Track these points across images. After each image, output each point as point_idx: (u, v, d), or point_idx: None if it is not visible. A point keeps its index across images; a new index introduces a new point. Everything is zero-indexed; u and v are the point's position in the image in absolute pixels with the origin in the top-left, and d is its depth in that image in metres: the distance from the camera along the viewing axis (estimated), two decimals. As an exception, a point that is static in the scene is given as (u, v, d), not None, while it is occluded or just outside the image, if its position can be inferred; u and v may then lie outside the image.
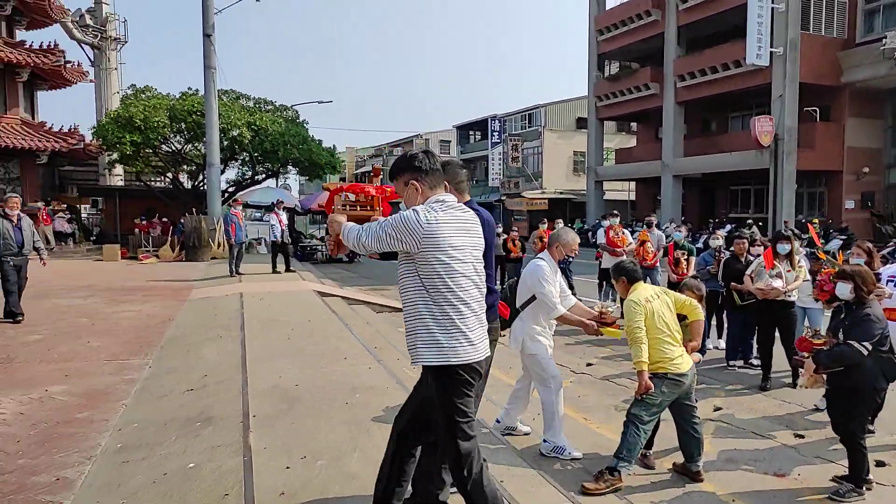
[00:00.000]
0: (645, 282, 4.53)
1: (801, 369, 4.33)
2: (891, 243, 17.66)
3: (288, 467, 3.63)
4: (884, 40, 22.67)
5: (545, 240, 12.12)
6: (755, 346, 7.45)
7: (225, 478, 3.53)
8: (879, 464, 4.52)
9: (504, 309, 3.80)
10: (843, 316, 4.16)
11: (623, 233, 10.57)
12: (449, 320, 2.62)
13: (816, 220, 21.69)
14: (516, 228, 13.60)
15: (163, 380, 5.85)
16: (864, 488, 4.00)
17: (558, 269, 4.61)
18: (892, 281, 4.93)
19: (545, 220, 13.39)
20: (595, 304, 4.92)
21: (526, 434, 4.94)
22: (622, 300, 4.52)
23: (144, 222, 23.30)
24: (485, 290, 2.85)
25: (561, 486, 3.80)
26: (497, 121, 44.94)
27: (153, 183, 28.14)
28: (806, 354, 4.19)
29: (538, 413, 5.21)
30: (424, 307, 2.64)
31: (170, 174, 26.95)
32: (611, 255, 10.22)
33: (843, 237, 19.17)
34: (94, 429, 4.59)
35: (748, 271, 6.83)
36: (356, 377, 5.72)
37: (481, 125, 49.27)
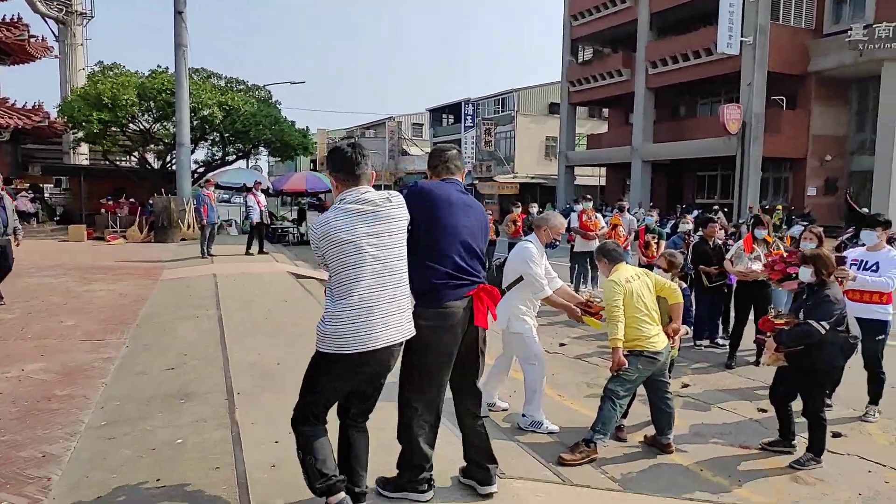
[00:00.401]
0: None
1: (764, 348, 4.55)
2: (850, 229, 18.23)
3: (277, 441, 3.71)
4: (850, 31, 23.25)
5: (519, 223, 12.34)
6: (720, 326, 7.75)
7: (212, 451, 3.60)
8: (836, 435, 4.79)
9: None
10: (804, 297, 4.38)
11: (596, 217, 10.77)
12: (340, 310, 2.74)
13: (780, 206, 22.29)
14: (490, 212, 13.71)
15: (141, 357, 5.85)
16: (821, 458, 4.24)
17: (545, 252, 4.76)
18: (856, 264, 5.17)
19: (518, 203, 13.53)
20: (582, 291, 5.08)
21: (504, 410, 5.10)
22: (594, 279, 4.67)
23: (111, 202, 22.84)
24: (399, 274, 2.86)
25: (540, 457, 3.96)
26: (470, 104, 44.93)
27: (120, 162, 27.57)
28: (768, 334, 4.39)
29: (514, 390, 5.38)
30: (329, 294, 2.84)
31: (137, 153, 26.42)
32: (583, 239, 10.41)
33: (806, 223, 19.71)
34: (75, 405, 4.60)
35: (728, 255, 7.07)
36: (336, 356, 5.79)
37: (454, 109, 49.17)
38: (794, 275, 4.77)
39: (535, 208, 13.09)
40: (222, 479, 3.31)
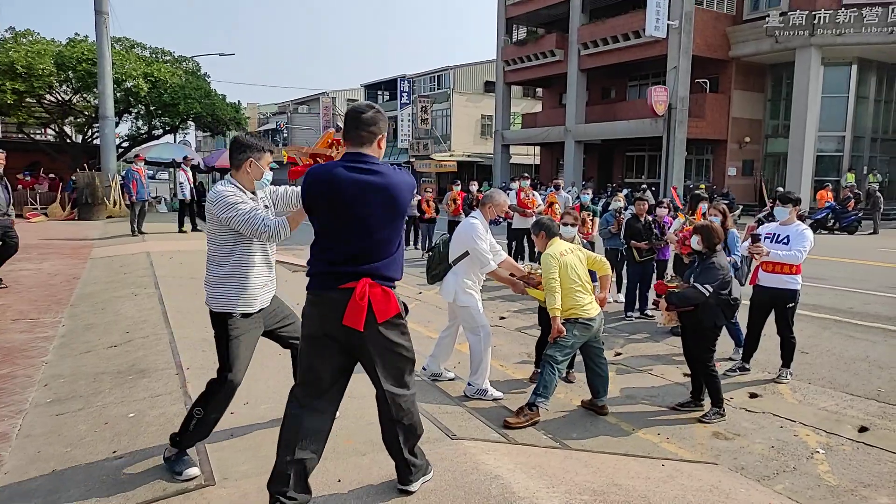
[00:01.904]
0: None
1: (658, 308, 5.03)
2: (766, 207, 19.35)
3: (232, 413, 3.78)
4: (767, 18, 24.46)
5: (459, 201, 12.56)
6: (649, 298, 8.21)
7: (172, 422, 3.64)
8: (753, 395, 5.26)
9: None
10: (695, 264, 4.84)
11: (533, 195, 11.10)
12: None
13: (703, 186, 23.41)
14: (430, 190, 13.87)
15: (83, 336, 5.74)
16: (723, 409, 4.69)
17: (489, 228, 4.96)
18: (769, 238, 5.62)
19: (458, 182, 13.73)
20: (522, 266, 5.30)
21: (450, 380, 5.32)
22: (539, 254, 4.92)
23: (29, 178, 21.65)
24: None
25: (487, 421, 4.20)
26: (406, 81, 44.64)
27: (36, 135, 26.11)
28: (662, 296, 4.84)
29: (458, 362, 5.62)
30: None
31: (55, 126, 25.09)
32: (521, 216, 10.73)
33: (726, 202, 20.83)
34: (17, 385, 4.51)
35: (671, 229, 7.52)
36: (284, 331, 5.85)
37: (390, 85, 48.74)
38: None
39: (474, 186, 13.32)
40: (182, 449, 3.37)
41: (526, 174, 12.15)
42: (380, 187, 2.73)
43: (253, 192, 3.32)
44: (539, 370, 5.39)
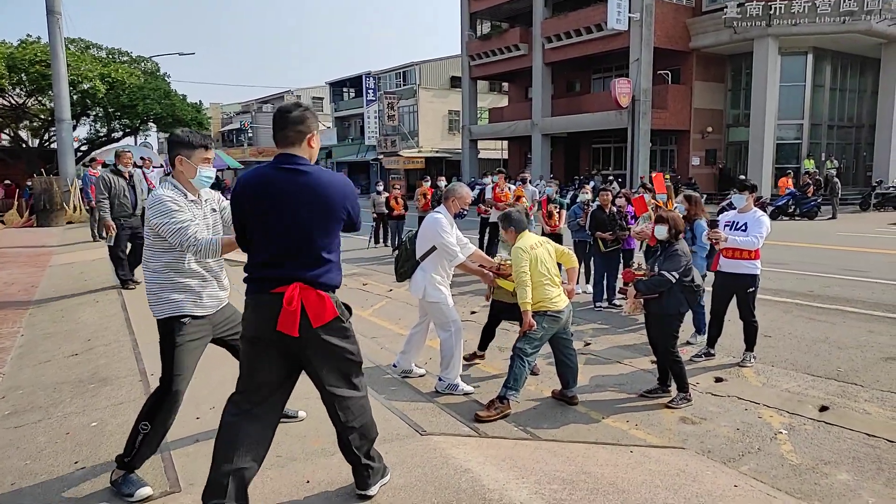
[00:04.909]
0: None
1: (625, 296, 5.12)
2: (729, 195, 19.73)
3: (198, 418, 3.74)
4: (725, 9, 24.89)
5: (428, 196, 12.54)
6: (617, 288, 8.31)
7: (134, 431, 3.57)
8: (718, 379, 5.36)
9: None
10: (659, 253, 4.93)
11: (508, 188, 11.15)
12: None
13: (668, 175, 23.76)
14: (398, 186, 13.81)
15: (42, 345, 5.59)
16: (690, 394, 4.78)
17: (454, 222, 4.95)
18: (728, 226, 5.74)
19: (427, 177, 13.70)
20: (498, 256, 5.30)
21: (421, 376, 5.31)
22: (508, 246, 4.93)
23: (-17, 185, 21.02)
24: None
25: (458, 415, 4.20)
26: (371, 78, 44.40)
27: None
28: (630, 283, 4.93)
29: (430, 357, 5.61)
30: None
31: (9, 131, 24.37)
32: (497, 210, 10.76)
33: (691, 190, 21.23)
34: (-28, 398, 4.37)
35: (640, 219, 7.64)
36: (251, 333, 5.78)
37: (355, 82, 48.45)
38: None
39: (443, 182, 13.31)
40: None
41: (501, 168, 12.15)
42: (307, 186, 2.66)
43: (197, 194, 3.19)
44: (476, 354, 5.49)
